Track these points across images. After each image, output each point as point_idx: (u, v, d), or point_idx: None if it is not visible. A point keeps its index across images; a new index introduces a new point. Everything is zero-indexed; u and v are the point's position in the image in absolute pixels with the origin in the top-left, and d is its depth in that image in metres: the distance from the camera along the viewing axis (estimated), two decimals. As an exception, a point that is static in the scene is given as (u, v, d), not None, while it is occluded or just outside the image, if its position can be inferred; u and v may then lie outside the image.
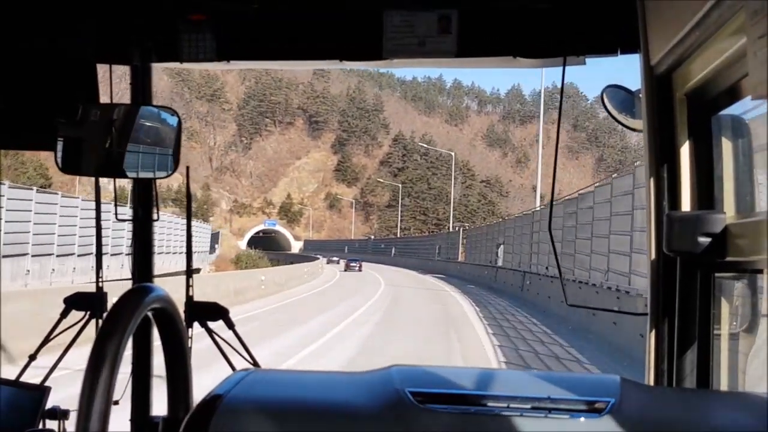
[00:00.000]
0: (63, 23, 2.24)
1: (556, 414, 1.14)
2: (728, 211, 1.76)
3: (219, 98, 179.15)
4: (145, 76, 2.30)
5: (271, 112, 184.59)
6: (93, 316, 2.23)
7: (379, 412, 1.15)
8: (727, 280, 1.88)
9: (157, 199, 2.36)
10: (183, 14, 2.20)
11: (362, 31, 2.19)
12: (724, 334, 1.92)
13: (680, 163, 1.82)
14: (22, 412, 1.91)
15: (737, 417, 1.18)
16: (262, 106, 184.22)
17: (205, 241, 71.65)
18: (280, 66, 2.40)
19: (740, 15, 1.35)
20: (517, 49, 2.18)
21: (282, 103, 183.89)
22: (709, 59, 1.60)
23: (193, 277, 2.29)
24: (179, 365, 1.52)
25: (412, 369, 1.32)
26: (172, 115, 2.18)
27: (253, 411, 1.17)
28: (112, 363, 1.13)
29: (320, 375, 1.39)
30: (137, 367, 2.27)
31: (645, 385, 1.49)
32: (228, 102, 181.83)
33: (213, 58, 2.22)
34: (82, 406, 1.09)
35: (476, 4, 2.18)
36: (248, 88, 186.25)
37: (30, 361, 2.23)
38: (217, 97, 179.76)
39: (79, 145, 2.18)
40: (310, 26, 2.22)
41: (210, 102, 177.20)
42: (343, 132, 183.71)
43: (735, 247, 1.56)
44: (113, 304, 1.23)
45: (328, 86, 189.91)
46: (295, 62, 2.34)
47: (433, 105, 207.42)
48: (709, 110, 1.80)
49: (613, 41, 2.13)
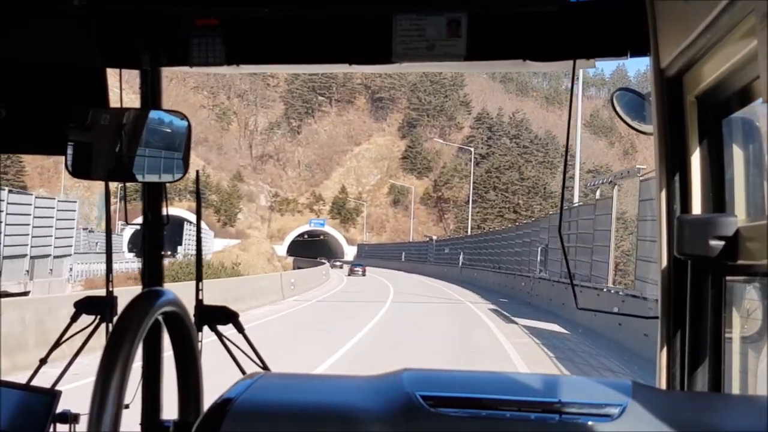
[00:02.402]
0: (73, 28, 2.25)
1: (567, 418, 1.13)
2: (739, 214, 1.75)
3: (263, 72, 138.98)
4: (155, 80, 2.31)
5: (326, 89, 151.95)
6: (103, 320, 2.24)
7: (390, 416, 1.14)
8: (739, 283, 1.87)
9: (167, 203, 2.37)
10: (192, 19, 2.20)
11: (372, 35, 2.19)
12: (736, 337, 1.91)
13: (691, 166, 1.82)
14: (33, 416, 1.91)
15: (749, 421, 1.17)
16: (316, 82, 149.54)
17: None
18: (289, 70, 2.40)
19: (751, 17, 1.35)
20: (526, 52, 2.17)
21: (340, 78, 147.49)
22: (720, 62, 1.60)
23: (203, 281, 2.29)
24: (190, 369, 1.53)
25: (423, 373, 1.32)
26: (181, 119, 2.18)
27: (264, 415, 1.17)
28: (123, 367, 1.14)
29: (331, 378, 1.39)
30: (148, 371, 2.27)
31: (656, 389, 1.48)
32: (274, 77, 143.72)
33: (222, 62, 2.23)
34: (93, 410, 1.10)
35: (485, 7, 2.18)
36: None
37: (41, 365, 2.24)
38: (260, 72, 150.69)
39: (89, 150, 2.18)
40: (320, 30, 2.22)
41: (252, 77, 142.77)
42: (414, 110, 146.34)
43: (746, 250, 1.55)
44: (124, 309, 1.24)
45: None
46: (304, 66, 2.34)
47: (526, 87, 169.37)
48: (719, 113, 1.79)
49: (623, 44, 2.12)
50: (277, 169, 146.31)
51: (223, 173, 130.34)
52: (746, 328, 1.97)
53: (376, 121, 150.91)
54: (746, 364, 1.95)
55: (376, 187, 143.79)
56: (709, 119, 1.80)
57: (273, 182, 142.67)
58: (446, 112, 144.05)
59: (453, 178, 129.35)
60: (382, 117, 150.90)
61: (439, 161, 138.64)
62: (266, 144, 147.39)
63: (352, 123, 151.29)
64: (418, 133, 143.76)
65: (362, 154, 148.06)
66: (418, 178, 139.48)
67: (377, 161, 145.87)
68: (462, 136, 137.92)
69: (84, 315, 2.27)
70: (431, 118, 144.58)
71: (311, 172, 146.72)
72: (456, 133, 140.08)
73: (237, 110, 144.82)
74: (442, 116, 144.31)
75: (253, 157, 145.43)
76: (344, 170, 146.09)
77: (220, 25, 2.21)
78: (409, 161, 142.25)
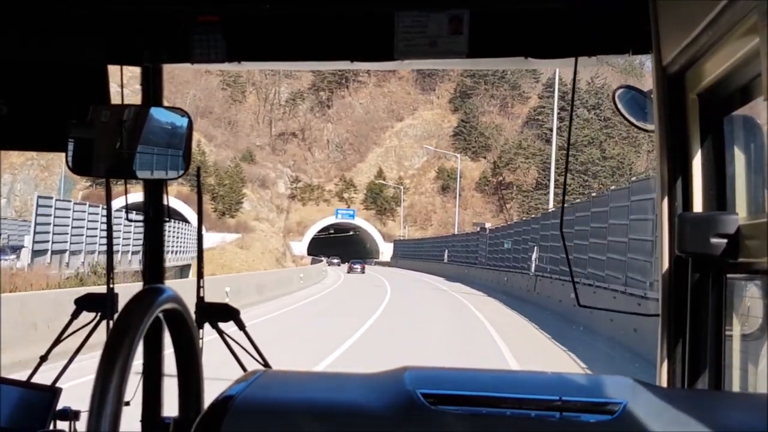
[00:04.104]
0: (74, 24, 2.25)
1: (568, 415, 1.13)
2: (741, 212, 1.75)
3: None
4: (156, 77, 2.31)
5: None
6: (104, 318, 2.24)
7: (390, 414, 1.14)
8: (740, 281, 1.87)
9: (168, 200, 2.37)
10: (194, 15, 2.20)
11: (374, 31, 2.19)
12: (736, 335, 1.91)
13: (692, 163, 1.81)
14: (34, 413, 1.92)
15: (750, 419, 1.17)
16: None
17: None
18: (290, 66, 2.40)
19: (752, 15, 1.35)
20: (528, 49, 2.17)
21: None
22: (722, 59, 1.59)
23: (204, 278, 2.29)
24: (190, 366, 1.53)
25: (423, 370, 1.32)
26: (182, 115, 2.18)
27: (265, 412, 1.17)
28: (123, 364, 1.14)
29: (331, 376, 1.39)
30: (148, 368, 2.27)
31: (657, 387, 1.48)
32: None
33: (224, 59, 2.23)
34: (93, 407, 1.10)
35: (487, 4, 2.18)
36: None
37: (41, 362, 2.24)
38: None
39: (90, 146, 2.18)
40: (322, 27, 2.22)
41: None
42: (468, 78, 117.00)
43: (747, 248, 1.55)
44: (124, 306, 1.24)
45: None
46: (306, 63, 2.34)
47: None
48: (721, 111, 1.79)
49: (625, 41, 2.12)
50: (302, 149, 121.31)
51: (228, 151, 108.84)
52: (747, 325, 1.97)
53: (423, 92, 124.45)
54: (747, 362, 1.95)
55: (421, 171, 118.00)
56: (711, 117, 1.80)
57: (296, 165, 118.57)
58: (508, 80, 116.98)
59: (517, 158, 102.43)
60: (429, 87, 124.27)
61: (500, 138, 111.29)
62: (288, 120, 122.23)
63: (393, 94, 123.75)
64: (473, 105, 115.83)
65: (405, 132, 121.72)
66: (473, 159, 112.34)
67: (423, 139, 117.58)
68: (528, 108, 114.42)
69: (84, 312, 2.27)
70: (490, 86, 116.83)
71: (342, 153, 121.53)
72: (520, 105, 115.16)
73: (256, 80, 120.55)
74: (504, 84, 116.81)
75: (273, 136, 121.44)
76: (382, 151, 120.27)
77: (222, 21, 2.20)
78: (462, 139, 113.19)
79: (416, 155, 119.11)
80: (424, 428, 1.13)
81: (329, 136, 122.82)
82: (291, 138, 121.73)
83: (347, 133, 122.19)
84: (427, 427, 1.13)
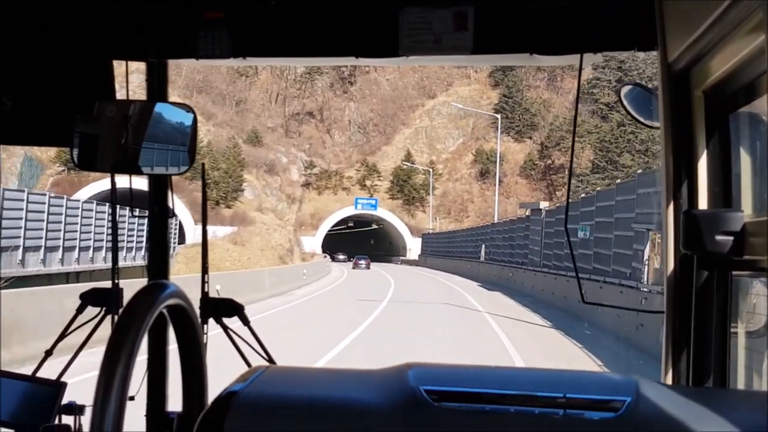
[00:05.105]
0: (81, 21, 2.25)
1: (572, 413, 1.13)
2: (746, 210, 1.74)
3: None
4: (161, 73, 2.31)
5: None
6: (108, 312, 2.24)
7: (394, 410, 1.14)
8: (745, 278, 1.86)
9: (173, 196, 2.37)
10: (199, 11, 2.20)
11: (379, 28, 2.19)
12: (742, 332, 1.91)
13: (698, 160, 1.81)
14: (39, 408, 1.92)
15: (755, 416, 1.17)
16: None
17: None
18: (295, 62, 2.40)
19: (758, 13, 1.34)
20: (533, 45, 2.17)
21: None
22: (727, 57, 1.59)
23: (209, 274, 2.29)
24: (194, 362, 1.53)
25: (427, 367, 1.32)
26: (187, 111, 2.19)
27: (268, 408, 1.17)
28: (127, 359, 1.14)
29: (335, 372, 1.39)
30: (153, 363, 2.28)
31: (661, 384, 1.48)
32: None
33: (229, 55, 2.23)
34: (98, 402, 1.10)
35: (492, 1, 2.17)
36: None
37: (46, 357, 2.24)
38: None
39: (95, 142, 2.19)
40: (327, 23, 2.22)
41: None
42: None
43: (753, 246, 1.55)
44: (129, 301, 1.24)
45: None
46: (311, 59, 2.34)
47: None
48: (727, 108, 1.79)
49: (630, 38, 2.11)
50: (319, 131, 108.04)
51: (231, 132, 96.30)
52: (752, 323, 1.97)
53: (459, 66, 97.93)
54: (752, 360, 1.94)
55: (456, 155, 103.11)
56: (716, 114, 1.79)
57: (311, 149, 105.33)
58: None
59: (567, 138, 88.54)
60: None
61: (548, 115, 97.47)
62: (305, 98, 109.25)
63: (425, 69, 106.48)
64: (515, 79, 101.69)
65: (438, 110, 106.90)
66: (516, 140, 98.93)
67: (459, 119, 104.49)
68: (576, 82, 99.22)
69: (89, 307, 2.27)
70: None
71: (365, 136, 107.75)
72: (572, 78, 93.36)
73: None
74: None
75: (286, 116, 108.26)
76: (411, 132, 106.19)
77: (227, 18, 2.21)
78: (504, 117, 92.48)
79: (450, 136, 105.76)
80: (428, 425, 1.13)
81: (351, 116, 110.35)
82: (307, 118, 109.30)
83: (371, 113, 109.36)
84: (430, 423, 1.13)
